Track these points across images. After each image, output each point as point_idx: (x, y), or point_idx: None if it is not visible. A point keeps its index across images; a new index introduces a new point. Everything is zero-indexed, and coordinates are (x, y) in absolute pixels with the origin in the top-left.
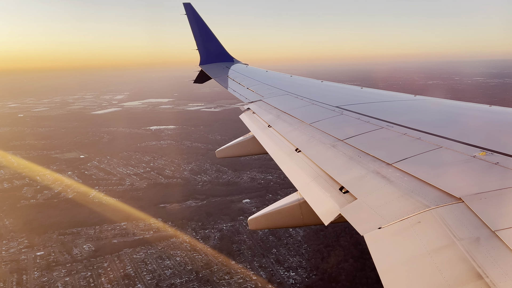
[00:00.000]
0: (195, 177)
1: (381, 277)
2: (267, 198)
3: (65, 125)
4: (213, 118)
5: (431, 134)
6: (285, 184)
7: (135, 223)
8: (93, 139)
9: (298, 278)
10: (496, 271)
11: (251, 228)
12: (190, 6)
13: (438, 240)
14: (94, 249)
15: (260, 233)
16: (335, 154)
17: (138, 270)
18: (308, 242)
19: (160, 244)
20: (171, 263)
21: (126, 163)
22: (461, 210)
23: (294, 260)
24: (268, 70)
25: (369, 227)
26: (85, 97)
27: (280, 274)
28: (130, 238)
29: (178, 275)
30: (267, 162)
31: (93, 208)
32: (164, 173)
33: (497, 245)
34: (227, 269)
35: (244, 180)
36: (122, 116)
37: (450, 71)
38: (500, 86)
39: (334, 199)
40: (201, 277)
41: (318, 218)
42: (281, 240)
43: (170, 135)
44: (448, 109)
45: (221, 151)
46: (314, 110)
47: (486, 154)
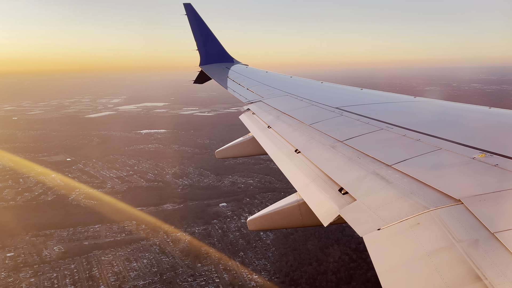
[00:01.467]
0: (176, 181)
1: (380, 279)
2: (244, 202)
3: (57, 128)
4: (205, 122)
5: (431, 136)
6: (264, 188)
7: (109, 226)
8: (82, 142)
9: (260, 281)
10: (495, 273)
11: (250, 229)
12: (190, 6)
13: (437, 242)
14: (64, 251)
15: (231, 236)
16: (335, 155)
17: (103, 272)
18: (276, 245)
19: (130, 247)
20: (137, 265)
21: (110, 166)
22: (460, 212)
23: (259, 263)
24: (268, 71)
25: (368, 228)
26: (82, 100)
27: (243, 277)
28: (101, 240)
29: (142, 277)
30: (250, 166)
31: (70, 211)
32: (146, 176)
33: (496, 247)
34: (192, 272)
35: (225, 184)
36: (115, 119)
37: (449, 77)
38: (495, 92)
39: (333, 200)
40: (165, 279)
41: (317, 219)
42: (250, 244)
43: (160, 139)
44: (448, 111)
45: (220, 152)
46: (313, 111)
47: (486, 156)
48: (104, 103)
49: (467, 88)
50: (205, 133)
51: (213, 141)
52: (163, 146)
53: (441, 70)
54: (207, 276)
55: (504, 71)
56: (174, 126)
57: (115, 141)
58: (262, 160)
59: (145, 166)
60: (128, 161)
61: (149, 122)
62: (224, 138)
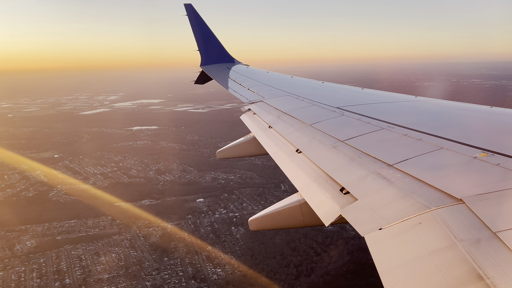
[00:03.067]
0: (159, 177)
1: (382, 278)
2: (222, 198)
3: (50, 125)
4: (197, 119)
5: (432, 135)
6: (244, 184)
7: (84, 221)
8: (72, 139)
9: (223, 274)
10: (497, 272)
11: (251, 229)
12: (191, 7)
13: (439, 241)
14: (35, 245)
15: (202, 231)
16: (336, 155)
17: (71, 266)
18: (245, 240)
19: (102, 241)
20: (105, 259)
21: (96, 163)
22: (462, 211)
23: (225, 257)
24: (269, 71)
25: (369, 228)
26: (79, 97)
27: (206, 270)
28: (74, 235)
29: (108, 271)
30: (234, 163)
31: (48, 206)
32: (130, 172)
33: (498, 246)
34: (157, 266)
35: (206, 180)
36: (108, 116)
37: (450, 72)
38: (493, 88)
39: (334, 200)
40: (130, 273)
41: (319, 219)
42: (220, 238)
43: (149, 135)
44: (449, 110)
45: (221, 152)
46: (315, 111)
47: (487, 155)
48: (100, 100)
49: (466, 84)
50: (196, 129)
51: (202, 137)
52: (152, 142)
53: (443, 65)
54: (172, 270)
55: (506, 66)
56: (166, 123)
57: (104, 138)
58: (247, 157)
59: (130, 162)
60: (115, 157)
61: (142, 119)
62: (214, 135)
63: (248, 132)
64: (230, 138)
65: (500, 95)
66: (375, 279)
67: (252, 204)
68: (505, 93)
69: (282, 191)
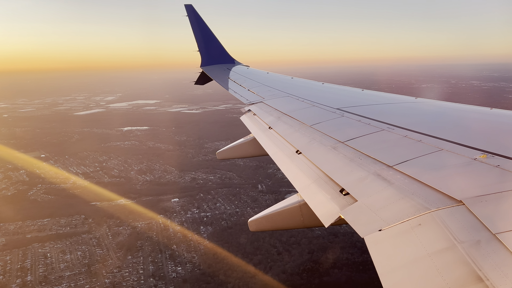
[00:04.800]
0: (139, 177)
1: (381, 280)
2: (197, 198)
3: (43, 126)
4: (189, 119)
5: (432, 137)
6: (222, 184)
7: (57, 220)
8: (62, 139)
9: (182, 272)
10: (497, 274)
11: (251, 229)
12: (191, 7)
13: (439, 243)
14: (4, 243)
15: (171, 230)
16: (336, 156)
17: (35, 263)
18: (211, 239)
19: (70, 240)
20: (70, 257)
21: (80, 163)
22: (461, 213)
23: (188, 256)
24: (269, 72)
25: (369, 229)
26: (77, 98)
27: (167, 268)
28: (45, 233)
29: (70, 268)
30: (216, 163)
31: (25, 205)
32: (111, 172)
33: (497, 248)
34: (120, 264)
35: (185, 180)
36: (102, 117)
37: (450, 74)
38: (491, 90)
39: (334, 201)
40: (91, 270)
41: (319, 220)
42: (187, 237)
43: (138, 135)
44: (449, 112)
45: (221, 153)
46: (315, 112)
47: (487, 157)
48: (97, 101)
49: (464, 85)
50: (186, 130)
51: (190, 138)
52: (139, 143)
53: (445, 67)
54: (133, 268)
55: (508, 68)
56: (158, 123)
57: (93, 138)
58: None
59: (113, 162)
60: (100, 157)
61: (134, 119)
62: (202, 135)
63: (236, 132)
64: (218, 138)
65: (496, 97)
66: (330, 278)
67: (225, 204)
68: (502, 95)
69: (258, 191)
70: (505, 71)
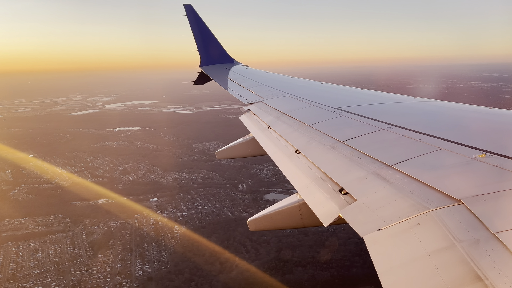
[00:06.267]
0: (122, 177)
1: (381, 279)
2: (176, 197)
3: (36, 126)
4: (182, 120)
5: (431, 136)
6: (203, 184)
7: (35, 219)
8: (52, 139)
9: (149, 270)
10: (496, 273)
11: (250, 229)
12: (190, 7)
13: (438, 242)
14: None
15: (144, 229)
16: (335, 156)
17: (6, 262)
18: (183, 238)
19: (44, 238)
20: (41, 255)
21: (66, 163)
22: (460, 212)
23: (157, 255)
24: (268, 72)
25: (368, 228)
26: (74, 99)
27: (135, 266)
28: (20, 232)
29: (40, 267)
30: (201, 163)
31: (4, 205)
32: (95, 172)
33: (496, 247)
34: (89, 262)
35: (167, 180)
36: (95, 117)
37: (450, 74)
38: (488, 90)
39: (333, 201)
40: (60, 268)
41: (318, 220)
42: (159, 236)
43: (128, 136)
44: (448, 111)
45: (220, 152)
46: (314, 111)
47: (486, 156)
48: (94, 102)
49: (462, 86)
50: (176, 130)
51: (179, 138)
52: (128, 143)
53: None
54: (101, 266)
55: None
56: (150, 124)
57: (84, 138)
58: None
59: (100, 162)
60: (87, 157)
61: (127, 119)
62: (191, 136)
63: (227, 132)
64: (207, 139)
65: (492, 98)
66: (292, 276)
67: (203, 203)
68: (498, 95)
69: (238, 191)
70: (505, 71)
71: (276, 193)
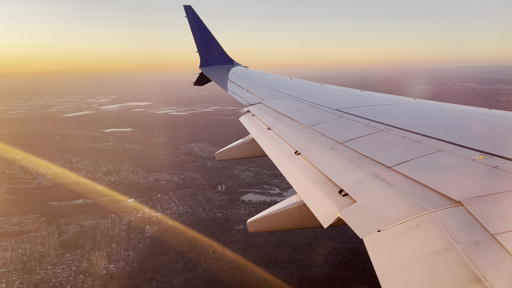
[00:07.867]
0: (104, 177)
1: (380, 280)
2: (154, 198)
3: (28, 127)
4: (173, 121)
5: (431, 137)
6: (182, 185)
7: (11, 218)
8: (42, 140)
9: (114, 269)
10: (496, 275)
11: (250, 230)
12: (190, 8)
13: (438, 243)
14: None
15: (116, 229)
16: (335, 157)
17: None
18: (153, 238)
19: (16, 238)
20: (10, 254)
21: (52, 164)
22: (460, 214)
23: (124, 254)
24: (268, 73)
25: (368, 230)
26: (71, 100)
27: (100, 265)
28: None
29: (7, 265)
30: (185, 164)
31: None
32: (79, 173)
33: (496, 249)
34: (56, 261)
35: (148, 181)
36: (89, 119)
37: (449, 76)
38: (484, 92)
39: (333, 202)
40: (26, 267)
41: (317, 221)
42: (129, 236)
43: (118, 137)
44: (448, 113)
45: (220, 154)
46: (313, 113)
47: (486, 158)
48: (90, 103)
49: (460, 88)
50: (167, 132)
51: (168, 139)
52: (116, 144)
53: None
54: (67, 265)
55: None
56: (141, 125)
57: (74, 140)
58: (201, 158)
59: (85, 163)
60: (73, 158)
61: (120, 121)
62: (180, 137)
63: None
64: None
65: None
66: (252, 275)
67: (179, 204)
68: (494, 97)
69: (216, 192)
70: (505, 73)
71: (254, 194)
